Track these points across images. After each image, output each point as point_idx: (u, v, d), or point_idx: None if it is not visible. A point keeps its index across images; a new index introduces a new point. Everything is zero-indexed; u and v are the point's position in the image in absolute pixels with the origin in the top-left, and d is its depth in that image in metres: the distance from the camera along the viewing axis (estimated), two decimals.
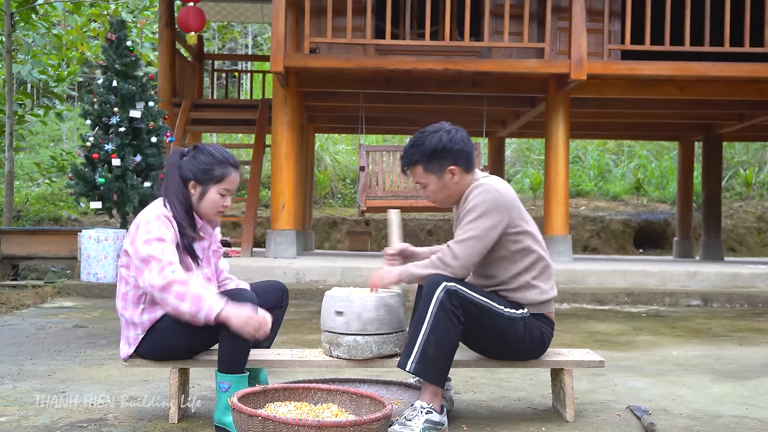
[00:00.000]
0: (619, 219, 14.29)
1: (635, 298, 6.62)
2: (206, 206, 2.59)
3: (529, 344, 2.58)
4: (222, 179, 2.57)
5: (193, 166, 2.57)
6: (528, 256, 2.58)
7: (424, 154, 2.57)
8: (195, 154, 2.60)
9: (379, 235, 13.68)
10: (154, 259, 2.40)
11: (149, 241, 2.43)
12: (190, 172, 2.57)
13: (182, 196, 2.57)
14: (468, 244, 2.49)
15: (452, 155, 2.56)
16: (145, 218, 2.50)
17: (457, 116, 10.65)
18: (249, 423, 2.04)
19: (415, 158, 2.59)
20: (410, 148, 2.61)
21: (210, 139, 15.62)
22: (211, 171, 2.56)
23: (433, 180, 2.60)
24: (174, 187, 2.57)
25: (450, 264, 2.48)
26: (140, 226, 2.48)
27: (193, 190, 2.58)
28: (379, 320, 2.55)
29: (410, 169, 2.63)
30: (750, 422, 2.66)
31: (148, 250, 2.41)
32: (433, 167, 2.58)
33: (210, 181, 2.56)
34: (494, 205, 2.51)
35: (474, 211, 2.51)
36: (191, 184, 2.57)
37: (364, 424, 2.05)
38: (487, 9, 7.80)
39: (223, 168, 2.57)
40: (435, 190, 2.63)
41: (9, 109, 9.29)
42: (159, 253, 2.41)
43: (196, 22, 8.58)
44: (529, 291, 2.59)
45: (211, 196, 2.57)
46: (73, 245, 7.37)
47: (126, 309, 2.54)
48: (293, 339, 4.37)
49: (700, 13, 8.45)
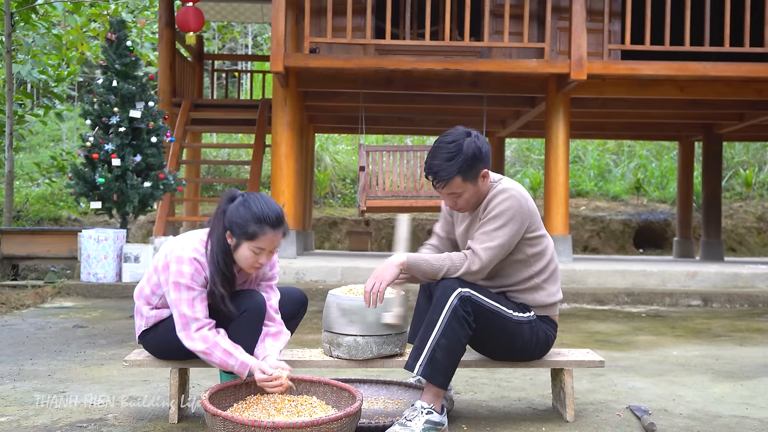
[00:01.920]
0: (619, 219, 14.29)
1: (635, 298, 6.62)
2: (240, 260, 2.47)
3: (533, 347, 2.59)
4: (254, 238, 2.40)
5: (233, 216, 2.43)
6: (542, 260, 2.59)
7: (464, 165, 2.48)
8: (242, 203, 2.44)
9: (379, 235, 13.68)
10: (182, 312, 2.40)
11: (179, 287, 2.40)
12: (228, 221, 2.44)
13: (222, 243, 2.46)
14: (494, 252, 2.47)
15: (484, 160, 2.53)
16: (180, 254, 2.43)
17: (457, 116, 10.66)
18: (213, 421, 2.11)
19: (453, 171, 2.47)
20: (443, 161, 2.48)
21: (210, 139, 15.62)
22: (245, 227, 2.40)
23: (470, 189, 2.53)
24: (218, 232, 2.46)
25: (475, 272, 2.46)
26: (173, 264, 2.42)
27: (230, 239, 2.46)
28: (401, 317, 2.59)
29: (448, 183, 2.50)
30: (750, 422, 2.66)
31: (177, 296, 2.41)
32: (471, 176, 2.51)
33: (242, 236, 2.41)
34: (519, 212, 2.50)
35: (501, 218, 2.49)
36: (227, 233, 2.45)
37: (322, 425, 2.03)
38: (487, 9, 7.80)
39: (259, 227, 2.39)
40: (469, 198, 2.55)
41: (9, 109, 9.28)
42: (187, 307, 2.40)
43: (195, 22, 8.58)
44: (538, 293, 2.59)
45: (243, 252, 2.43)
46: (73, 245, 7.37)
47: (139, 298, 2.60)
48: (293, 339, 4.36)
49: (700, 13, 8.45)
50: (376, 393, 2.87)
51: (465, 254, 2.49)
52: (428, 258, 2.50)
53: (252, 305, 2.47)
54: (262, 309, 2.50)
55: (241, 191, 2.54)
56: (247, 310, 2.46)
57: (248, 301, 2.47)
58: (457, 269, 2.46)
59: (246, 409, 2.32)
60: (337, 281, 7.02)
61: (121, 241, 6.95)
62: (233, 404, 2.37)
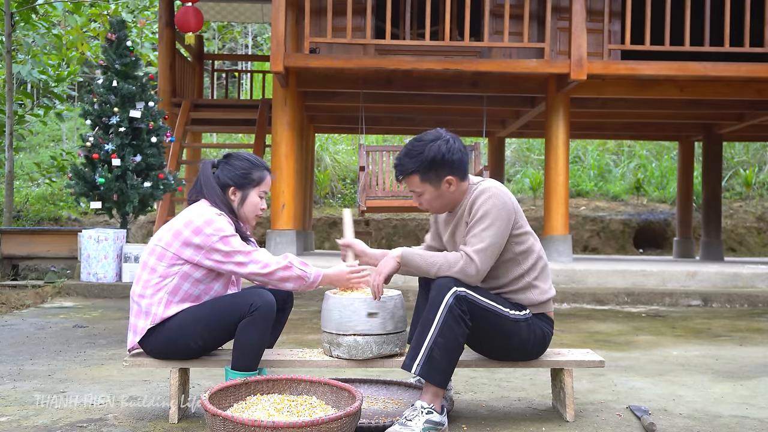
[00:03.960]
0: (619, 219, 14.29)
1: (635, 298, 6.62)
2: (248, 210, 2.69)
3: (531, 345, 2.59)
4: (261, 182, 2.69)
5: (230, 173, 2.67)
6: (530, 257, 2.59)
7: (422, 165, 2.52)
8: (229, 161, 2.70)
9: (379, 235, 13.69)
10: (241, 253, 2.52)
11: (226, 240, 2.52)
12: (228, 179, 2.67)
13: (226, 204, 2.65)
14: (488, 254, 2.47)
15: (450, 166, 2.53)
16: (207, 216, 2.55)
17: (457, 116, 10.67)
18: (213, 421, 2.12)
19: (411, 168, 2.54)
20: (406, 157, 2.55)
21: (210, 139, 15.62)
22: (249, 175, 2.67)
23: (430, 190, 2.57)
24: (217, 196, 2.65)
25: (473, 274, 2.45)
26: (207, 227, 2.52)
27: (233, 196, 2.68)
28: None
29: (406, 178, 2.58)
30: (750, 422, 2.66)
31: (230, 248, 2.52)
32: (431, 177, 2.54)
33: (249, 185, 2.67)
34: (504, 209, 2.51)
35: (486, 218, 2.49)
36: (231, 190, 2.67)
37: (322, 424, 2.03)
38: (487, 9, 7.80)
39: (260, 171, 2.69)
40: (430, 200, 2.60)
41: (9, 109, 9.29)
42: (241, 247, 2.54)
43: (195, 22, 8.58)
44: (531, 291, 2.60)
45: (252, 199, 2.69)
46: (73, 245, 7.37)
47: (144, 297, 2.56)
48: (293, 339, 4.37)
49: (700, 13, 8.45)
50: (376, 393, 2.87)
51: (460, 254, 2.49)
52: (423, 253, 2.53)
53: (261, 303, 2.48)
54: (272, 307, 2.50)
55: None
56: (258, 308, 2.47)
57: (257, 299, 2.48)
58: (451, 267, 2.46)
59: (246, 409, 2.32)
60: None
61: (121, 241, 6.95)
62: (233, 404, 2.37)
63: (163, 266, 2.55)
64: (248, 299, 2.49)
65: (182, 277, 2.56)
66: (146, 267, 2.57)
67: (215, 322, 2.51)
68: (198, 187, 2.70)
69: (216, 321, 2.51)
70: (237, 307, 2.50)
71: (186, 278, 2.56)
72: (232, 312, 2.50)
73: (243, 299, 2.51)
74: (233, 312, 2.49)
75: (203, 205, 2.62)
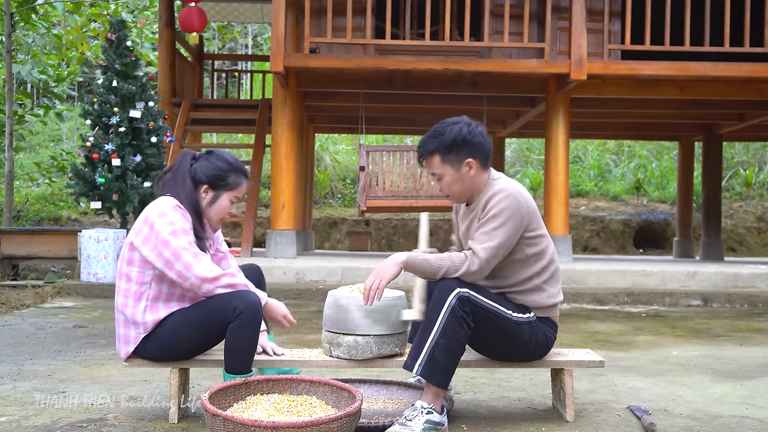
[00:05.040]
0: (619, 219, 14.29)
1: (635, 298, 6.62)
2: (215, 212, 2.61)
3: (533, 348, 2.58)
4: (235, 187, 2.61)
5: (207, 171, 2.58)
6: (541, 260, 2.58)
7: (443, 144, 2.54)
8: (210, 158, 2.61)
9: (379, 235, 13.68)
10: (188, 251, 2.42)
11: (176, 233, 2.43)
12: (204, 175, 2.58)
13: (193, 199, 2.57)
14: (493, 252, 2.47)
15: (471, 147, 2.55)
16: (161, 209, 2.48)
17: (457, 116, 10.64)
18: (213, 421, 2.12)
19: (433, 147, 2.55)
20: (429, 138, 2.57)
21: (210, 139, 15.62)
22: (226, 177, 2.59)
23: (450, 172, 2.57)
24: (185, 189, 2.56)
25: (475, 272, 2.45)
26: (158, 219, 2.45)
27: (205, 194, 2.59)
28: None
29: (427, 159, 2.58)
30: (750, 422, 2.66)
31: (178, 243, 2.42)
32: (451, 158, 2.55)
33: (223, 188, 2.59)
34: (518, 211, 2.50)
35: (499, 217, 2.49)
36: (204, 187, 2.58)
37: (322, 424, 2.03)
38: (487, 9, 7.80)
39: (237, 176, 2.61)
40: (450, 183, 2.59)
41: (9, 109, 9.29)
42: (190, 245, 2.44)
43: (199, 22, 8.59)
44: (538, 294, 2.59)
45: (222, 202, 2.61)
46: (73, 245, 7.37)
47: (127, 306, 2.52)
48: (293, 339, 4.37)
49: (700, 13, 8.45)
50: (376, 393, 2.87)
51: (465, 254, 2.49)
52: (429, 257, 2.49)
53: (246, 306, 2.43)
54: (257, 309, 2.45)
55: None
56: (242, 312, 2.42)
57: (241, 303, 2.43)
58: (457, 269, 2.45)
59: (246, 409, 2.31)
60: (337, 281, 7.03)
61: (121, 241, 6.95)
62: (233, 404, 2.36)
63: (135, 272, 2.50)
64: (231, 303, 2.43)
65: (158, 281, 2.51)
66: (122, 275, 2.53)
67: (206, 327, 2.47)
68: (170, 174, 2.62)
69: (207, 327, 2.47)
70: (221, 312, 2.44)
71: (162, 281, 2.51)
72: (218, 317, 2.44)
73: (227, 303, 2.43)
74: (219, 317, 2.44)
75: (163, 199, 2.54)
